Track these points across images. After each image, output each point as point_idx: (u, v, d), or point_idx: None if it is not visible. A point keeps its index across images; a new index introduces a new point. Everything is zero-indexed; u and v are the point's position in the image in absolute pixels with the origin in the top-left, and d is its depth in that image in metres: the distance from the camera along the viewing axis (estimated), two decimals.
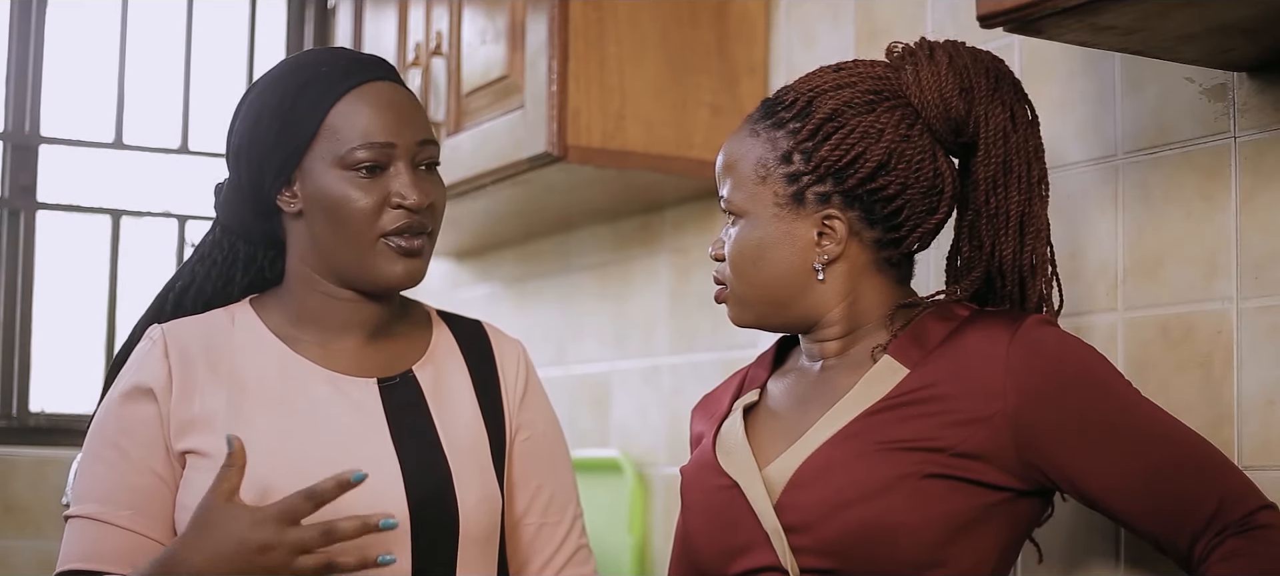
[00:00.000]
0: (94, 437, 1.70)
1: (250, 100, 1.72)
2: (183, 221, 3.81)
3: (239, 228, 1.77)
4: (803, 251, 1.64)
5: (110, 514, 1.65)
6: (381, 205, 1.66)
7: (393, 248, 1.67)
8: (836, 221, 1.62)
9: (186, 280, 1.79)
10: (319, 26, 3.94)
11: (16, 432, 3.62)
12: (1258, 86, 1.67)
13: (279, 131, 1.67)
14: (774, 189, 1.64)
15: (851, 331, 1.66)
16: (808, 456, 1.58)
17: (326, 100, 1.67)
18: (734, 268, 1.68)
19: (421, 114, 1.73)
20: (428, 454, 1.70)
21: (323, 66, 1.70)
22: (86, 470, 1.69)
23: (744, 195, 1.66)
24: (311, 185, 1.67)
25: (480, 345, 1.83)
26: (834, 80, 1.66)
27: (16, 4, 3.69)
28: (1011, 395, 1.53)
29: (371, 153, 1.65)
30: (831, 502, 1.55)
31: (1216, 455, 1.53)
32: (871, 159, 1.61)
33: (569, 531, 1.84)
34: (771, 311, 1.68)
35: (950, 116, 1.62)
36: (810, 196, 1.63)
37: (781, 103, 1.67)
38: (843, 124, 1.62)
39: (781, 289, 1.66)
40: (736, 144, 1.69)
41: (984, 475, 1.54)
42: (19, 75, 3.69)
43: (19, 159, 3.68)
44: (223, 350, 1.71)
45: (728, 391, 1.80)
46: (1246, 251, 1.67)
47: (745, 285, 1.67)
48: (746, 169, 1.66)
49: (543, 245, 3.07)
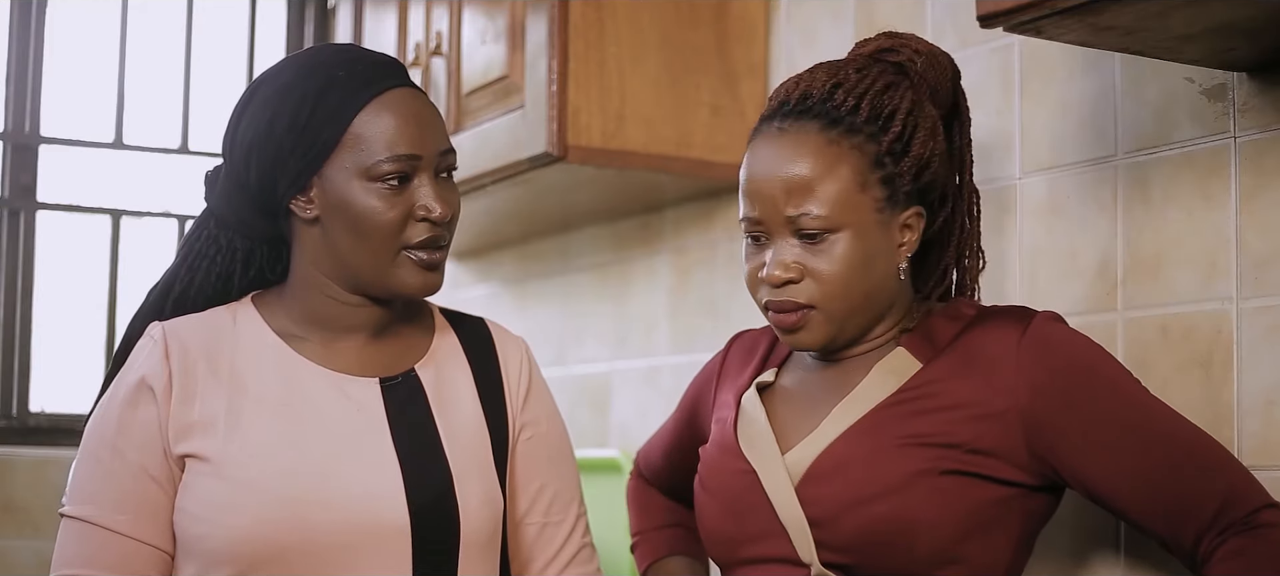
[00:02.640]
0: (92, 437, 1.68)
1: (262, 98, 1.68)
2: (183, 221, 3.81)
3: (237, 223, 1.74)
4: (893, 253, 1.63)
5: (107, 518, 1.64)
6: (406, 217, 1.65)
7: (414, 260, 1.66)
8: (916, 217, 1.63)
9: (185, 282, 1.76)
10: (319, 26, 3.94)
11: (16, 432, 3.62)
12: (1258, 86, 1.67)
13: (297, 137, 1.64)
14: (873, 195, 1.60)
15: (889, 330, 1.67)
16: (824, 448, 1.59)
17: (349, 108, 1.64)
18: (835, 285, 1.59)
19: (441, 121, 1.70)
20: (429, 454, 1.69)
21: (340, 71, 1.66)
22: (84, 469, 1.67)
23: (839, 208, 1.58)
24: (333, 194, 1.65)
25: (483, 344, 1.83)
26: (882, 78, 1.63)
27: (16, 4, 3.69)
28: (1023, 391, 1.54)
29: (399, 165, 1.63)
30: (850, 498, 1.56)
31: (1222, 453, 1.53)
32: (937, 153, 1.64)
33: (572, 531, 1.83)
34: (863, 324, 1.64)
35: (946, 103, 1.69)
36: (902, 197, 1.62)
37: (841, 106, 1.60)
38: (917, 122, 1.62)
39: (879, 296, 1.63)
40: (807, 158, 1.59)
41: (998, 471, 1.55)
42: (19, 75, 3.69)
43: (19, 159, 3.68)
44: (223, 349, 1.70)
45: (763, 343, 1.80)
46: (1246, 251, 1.67)
47: (846, 301, 1.60)
48: (839, 181, 1.59)
49: (543, 245, 3.07)
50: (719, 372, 1.85)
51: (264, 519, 1.60)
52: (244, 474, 1.62)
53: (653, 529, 2.01)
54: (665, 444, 1.99)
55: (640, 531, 2.02)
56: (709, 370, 1.90)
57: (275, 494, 1.61)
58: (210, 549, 1.61)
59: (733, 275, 2.47)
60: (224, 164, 1.73)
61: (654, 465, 2.02)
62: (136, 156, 3.81)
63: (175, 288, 1.76)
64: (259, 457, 1.63)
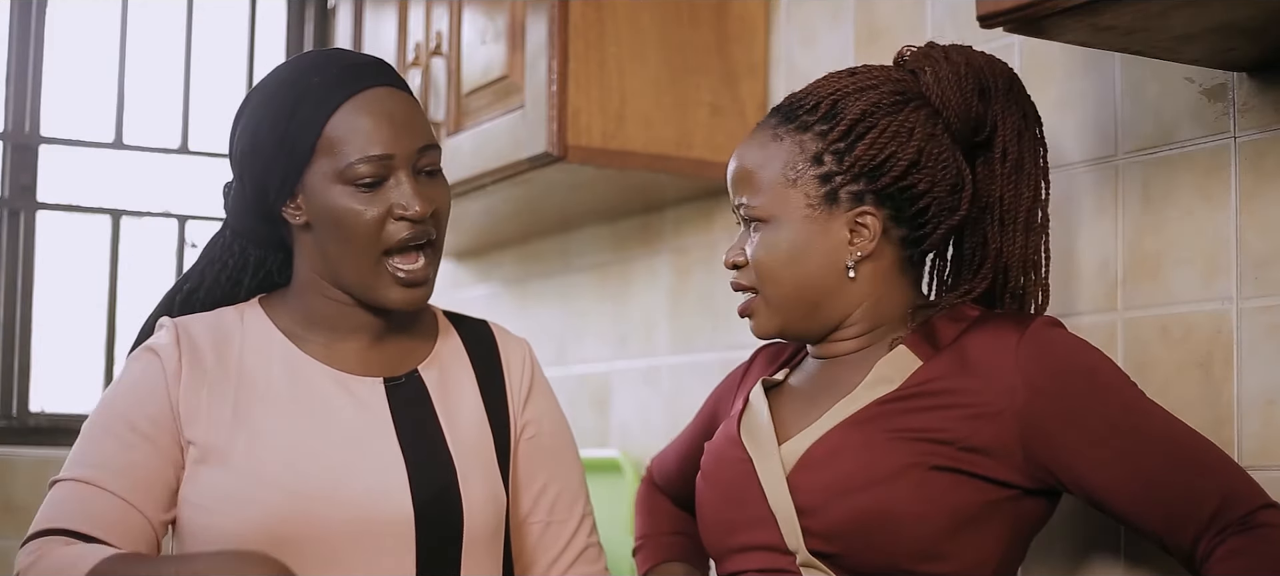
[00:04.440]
0: (96, 411, 1.67)
1: (249, 110, 1.71)
2: (183, 221, 3.81)
3: (247, 232, 1.77)
4: (835, 250, 1.65)
5: (107, 481, 1.61)
6: (385, 217, 1.65)
7: (392, 273, 1.66)
8: (870, 218, 1.64)
9: (196, 282, 1.79)
10: (319, 26, 3.94)
11: (16, 432, 3.62)
12: (1258, 86, 1.67)
13: (277, 146, 1.65)
14: (805, 190, 1.64)
15: (869, 331, 1.68)
16: (817, 439, 1.61)
17: (322, 113, 1.65)
18: (764, 273, 1.67)
19: (420, 118, 1.70)
20: (433, 453, 1.70)
21: (315, 76, 1.67)
22: (82, 442, 1.65)
23: (770, 199, 1.66)
24: (316, 199, 1.66)
25: (486, 345, 1.83)
26: (854, 83, 1.67)
27: (16, 4, 3.69)
28: (1021, 393, 1.54)
29: (370, 166, 1.64)
30: (837, 487, 1.56)
31: (1219, 455, 1.53)
32: (903, 158, 1.63)
33: (577, 529, 1.84)
34: (804, 314, 1.68)
35: (970, 116, 1.66)
36: (843, 196, 1.64)
37: (801, 107, 1.68)
38: (874, 124, 1.63)
39: (815, 290, 1.66)
40: (754, 150, 1.69)
41: (990, 470, 1.55)
42: (19, 75, 3.69)
43: (19, 159, 3.68)
44: (231, 347, 1.71)
45: (785, 354, 1.81)
46: (1246, 251, 1.67)
47: (776, 288, 1.67)
48: (771, 173, 1.66)
49: (543, 245, 3.07)
50: (740, 383, 1.86)
51: (271, 512, 1.61)
52: (252, 467, 1.63)
53: (656, 534, 2.01)
54: (680, 451, 1.99)
55: (644, 536, 2.02)
56: (731, 380, 1.91)
57: (282, 488, 1.62)
58: (215, 540, 1.61)
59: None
60: (233, 179, 1.76)
61: (667, 472, 2.02)
62: (136, 156, 3.81)
63: (186, 286, 1.79)
64: (267, 451, 1.64)
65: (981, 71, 1.67)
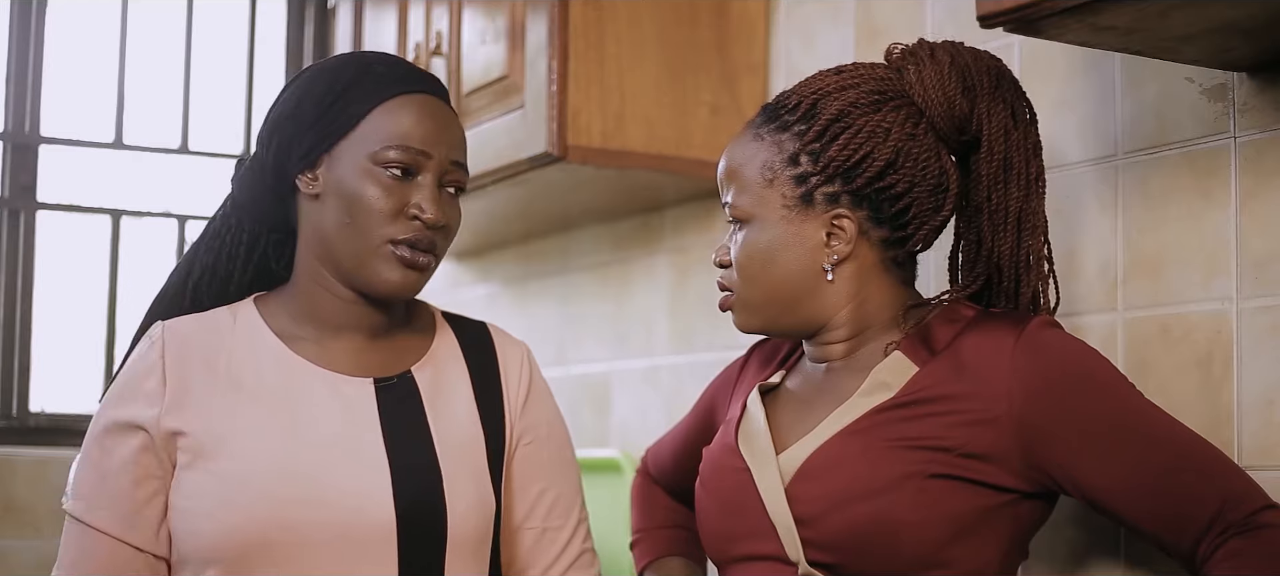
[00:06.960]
0: (90, 431, 1.71)
1: (300, 82, 1.74)
2: (183, 221, 3.81)
3: (250, 204, 1.76)
4: (812, 252, 1.64)
5: (94, 516, 1.67)
6: (398, 211, 1.66)
7: (395, 255, 1.67)
8: (846, 220, 1.63)
9: (200, 270, 1.79)
10: (319, 27, 3.94)
11: (16, 432, 3.62)
12: (1258, 86, 1.67)
13: (319, 115, 1.68)
14: (781, 191, 1.64)
15: (858, 333, 1.67)
16: (816, 449, 1.60)
17: (374, 97, 1.68)
18: (742, 272, 1.67)
19: (461, 136, 1.73)
20: (419, 455, 1.69)
21: (380, 66, 1.72)
22: (80, 465, 1.71)
23: (749, 199, 1.66)
24: (336, 172, 1.67)
25: (483, 348, 1.83)
26: (836, 82, 1.66)
27: (16, 4, 3.69)
28: (1017, 397, 1.54)
29: (404, 155, 1.66)
30: (836, 497, 1.56)
31: (1218, 456, 1.53)
32: (879, 158, 1.61)
33: (573, 536, 1.83)
34: (780, 314, 1.68)
35: (954, 115, 1.63)
36: (819, 197, 1.63)
37: (784, 106, 1.67)
38: (850, 124, 1.62)
39: (790, 291, 1.65)
40: (738, 150, 1.69)
41: (989, 476, 1.54)
42: (19, 75, 3.69)
43: (19, 159, 3.68)
44: (221, 348, 1.71)
45: (781, 351, 1.81)
46: (1246, 251, 1.67)
47: (753, 289, 1.67)
48: (751, 173, 1.66)
49: (543, 245, 3.07)
50: (737, 378, 1.86)
51: (253, 515, 1.61)
52: (233, 470, 1.63)
53: (653, 528, 2.01)
54: (675, 444, 1.99)
55: (641, 530, 2.02)
56: (727, 374, 1.90)
57: (265, 490, 1.62)
58: (201, 545, 1.63)
59: None
60: (256, 147, 1.77)
61: (662, 464, 2.02)
62: (136, 156, 3.81)
63: (194, 271, 1.80)
64: (251, 454, 1.64)
65: (968, 68, 1.64)
